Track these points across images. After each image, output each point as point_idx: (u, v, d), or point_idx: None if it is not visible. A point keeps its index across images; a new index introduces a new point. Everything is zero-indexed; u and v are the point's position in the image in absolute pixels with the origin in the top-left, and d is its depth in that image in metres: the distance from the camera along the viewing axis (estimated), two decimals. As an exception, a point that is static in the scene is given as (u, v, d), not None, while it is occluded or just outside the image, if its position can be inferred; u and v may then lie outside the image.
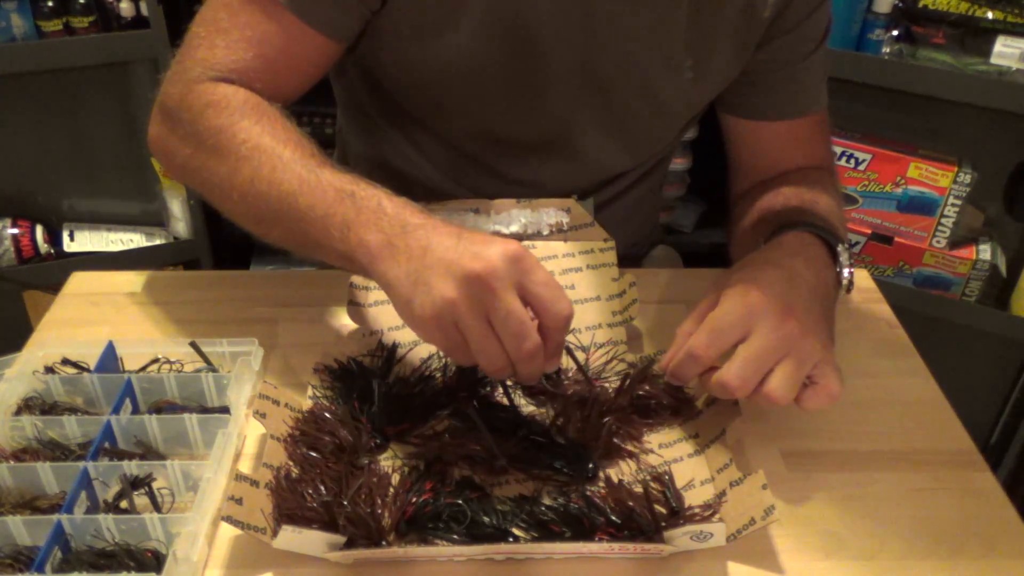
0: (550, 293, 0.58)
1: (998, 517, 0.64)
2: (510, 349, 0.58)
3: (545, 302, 0.58)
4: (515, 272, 0.57)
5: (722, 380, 0.62)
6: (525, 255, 0.57)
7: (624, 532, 0.59)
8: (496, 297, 0.56)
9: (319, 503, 0.58)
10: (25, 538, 0.58)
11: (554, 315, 0.58)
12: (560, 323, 0.59)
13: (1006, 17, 1.39)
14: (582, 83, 0.80)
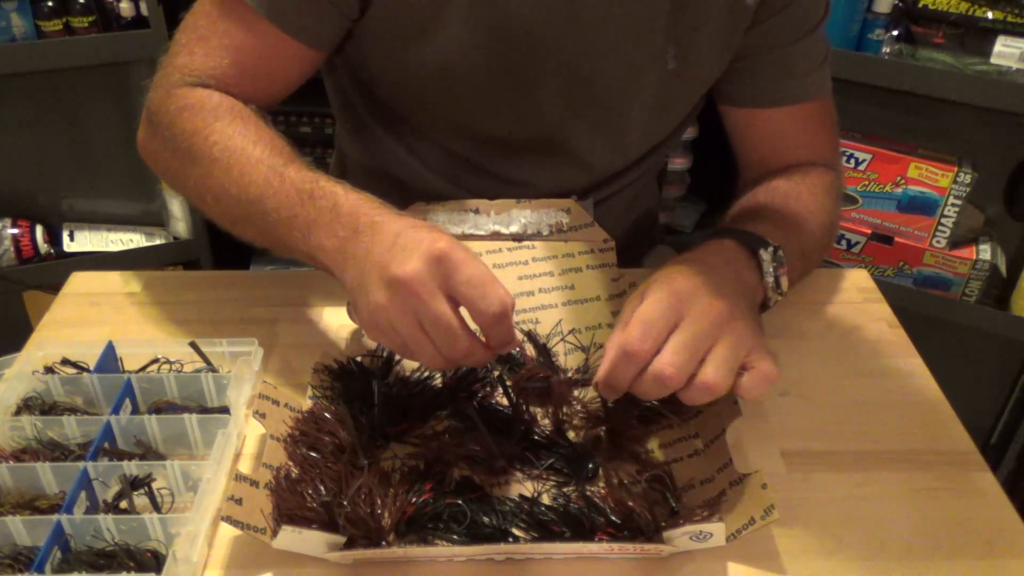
0: (476, 292, 0.57)
1: (998, 517, 0.64)
2: (443, 350, 0.58)
3: (472, 301, 0.57)
4: (439, 275, 0.56)
5: (657, 371, 0.59)
6: (450, 254, 0.56)
7: (624, 532, 0.59)
8: (421, 302, 0.56)
9: (319, 503, 0.58)
10: (25, 538, 0.58)
11: (482, 313, 0.57)
12: (490, 320, 0.57)
13: (1006, 17, 1.39)
14: (567, 77, 0.80)
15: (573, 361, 0.75)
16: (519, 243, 0.79)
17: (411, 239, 0.58)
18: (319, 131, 1.73)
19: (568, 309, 0.77)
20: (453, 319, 0.57)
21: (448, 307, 0.57)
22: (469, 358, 0.59)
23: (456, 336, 0.57)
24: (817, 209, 0.82)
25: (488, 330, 0.59)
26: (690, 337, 0.60)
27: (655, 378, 0.60)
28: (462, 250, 0.57)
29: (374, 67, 0.81)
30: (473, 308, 0.57)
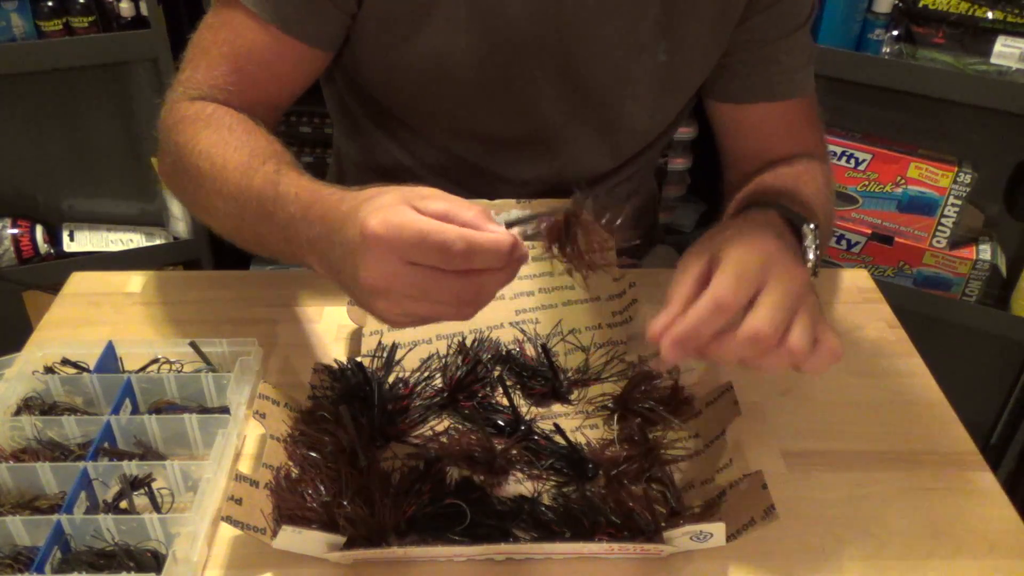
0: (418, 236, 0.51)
1: (998, 517, 0.64)
2: (454, 263, 0.51)
3: (422, 249, 0.51)
4: (406, 204, 0.52)
5: (755, 328, 0.55)
6: (379, 233, 0.51)
7: (624, 532, 0.59)
8: (397, 236, 0.51)
9: (319, 503, 0.58)
10: (25, 538, 0.58)
11: (438, 249, 0.51)
12: (449, 251, 0.51)
13: (1006, 17, 1.39)
14: (558, 71, 0.80)
15: (573, 361, 0.75)
16: (519, 243, 0.79)
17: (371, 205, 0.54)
18: (319, 131, 1.73)
19: (568, 309, 0.77)
20: (437, 223, 0.51)
21: (426, 217, 0.51)
22: (477, 255, 0.51)
23: (445, 232, 0.50)
24: (823, 197, 0.81)
25: (474, 262, 0.52)
26: (783, 297, 0.56)
27: (751, 336, 0.55)
28: (396, 217, 0.51)
29: (368, 67, 0.81)
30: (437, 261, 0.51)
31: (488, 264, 0.52)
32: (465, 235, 0.51)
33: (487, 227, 0.52)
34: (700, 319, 0.57)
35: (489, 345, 0.74)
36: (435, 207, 0.52)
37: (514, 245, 0.52)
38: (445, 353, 0.74)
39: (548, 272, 0.78)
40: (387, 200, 0.52)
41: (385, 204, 0.52)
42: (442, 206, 0.52)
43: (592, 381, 0.73)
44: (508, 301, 0.77)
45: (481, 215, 0.53)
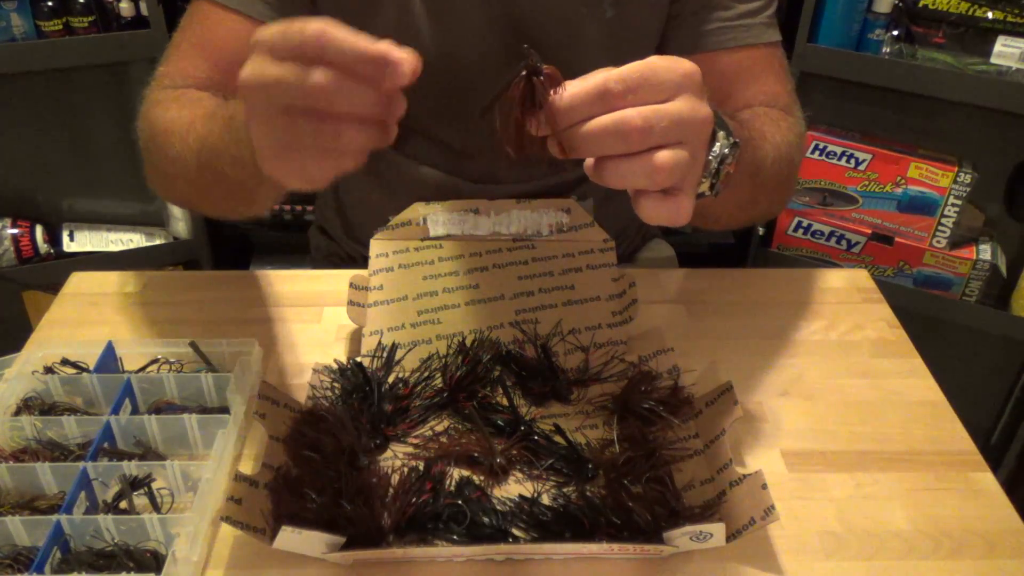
0: (280, 34, 0.48)
1: (998, 517, 0.64)
2: (308, 101, 0.47)
3: (283, 43, 0.47)
4: (260, 55, 0.48)
5: (625, 116, 0.52)
6: (256, 36, 0.49)
7: (624, 532, 0.59)
8: (257, 87, 0.48)
9: (319, 503, 0.58)
10: (24, 538, 0.58)
11: (292, 39, 0.47)
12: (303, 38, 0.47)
13: (1006, 17, 1.39)
14: (503, 38, 0.80)
15: (573, 361, 0.75)
16: (519, 243, 0.79)
17: None
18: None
19: (568, 309, 0.77)
20: (288, 64, 0.47)
21: (277, 64, 0.48)
22: (345, 90, 0.47)
23: (298, 72, 0.47)
24: (778, 140, 0.77)
25: (330, 59, 0.47)
26: (676, 110, 0.53)
27: (618, 120, 0.52)
28: (274, 25, 0.49)
29: None
30: (296, 52, 0.47)
31: (346, 61, 0.47)
32: (324, 27, 0.47)
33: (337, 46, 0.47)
34: (581, 94, 0.53)
35: (489, 345, 0.74)
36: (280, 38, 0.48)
37: (382, 53, 0.47)
38: (445, 353, 0.74)
39: (548, 272, 0.78)
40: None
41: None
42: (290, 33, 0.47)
43: (592, 381, 0.73)
44: (508, 301, 0.77)
45: (319, 32, 0.47)
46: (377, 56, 0.47)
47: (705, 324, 0.82)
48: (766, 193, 0.78)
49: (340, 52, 0.46)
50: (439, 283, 0.77)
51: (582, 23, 0.81)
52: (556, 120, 0.53)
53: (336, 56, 0.47)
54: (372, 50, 0.47)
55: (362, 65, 0.47)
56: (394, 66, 0.47)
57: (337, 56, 0.47)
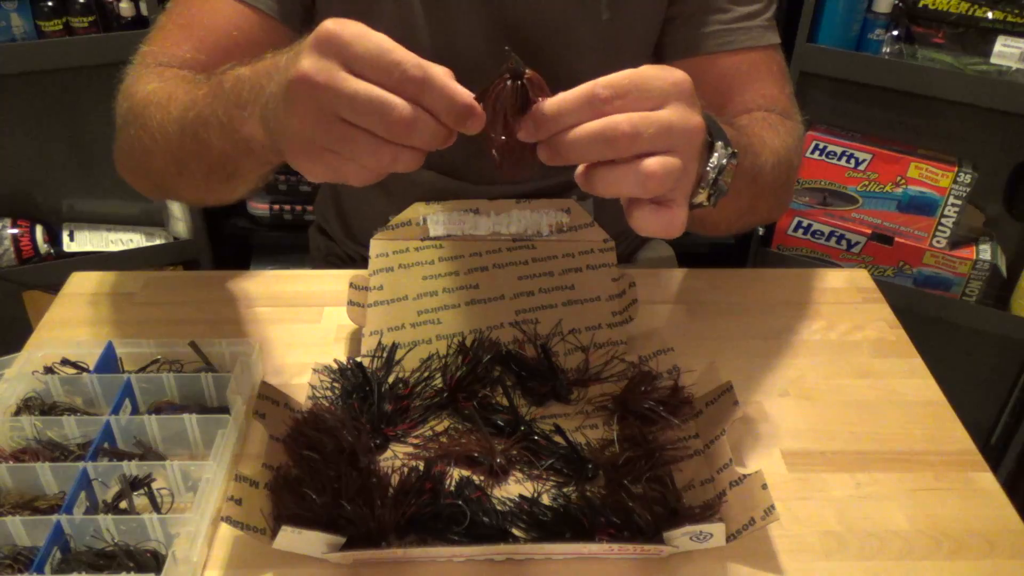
0: (378, 59, 0.48)
1: (998, 517, 0.64)
2: (383, 131, 0.49)
3: (379, 70, 0.48)
4: (332, 55, 0.49)
5: (613, 122, 0.51)
6: (339, 31, 0.49)
7: (624, 532, 0.59)
8: (324, 89, 0.48)
9: (319, 503, 0.58)
10: (24, 538, 0.58)
11: (397, 79, 0.48)
12: (412, 83, 0.48)
13: (1006, 17, 1.39)
14: (500, 41, 0.80)
15: (573, 361, 0.75)
16: (519, 243, 0.79)
17: (297, 47, 0.52)
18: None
19: (568, 309, 0.77)
20: (370, 86, 0.48)
21: (357, 79, 0.48)
22: (422, 129, 0.49)
23: (383, 101, 0.48)
24: (777, 145, 0.77)
25: (423, 98, 0.49)
26: (666, 119, 0.52)
27: (606, 126, 0.51)
28: (355, 25, 0.49)
29: None
30: (382, 71, 0.49)
31: (437, 105, 0.49)
32: (415, 109, 0.49)
33: (432, 91, 0.49)
34: (569, 101, 0.52)
35: (489, 345, 0.74)
36: (366, 62, 0.49)
37: (471, 105, 0.50)
38: (445, 353, 0.74)
39: (548, 272, 0.78)
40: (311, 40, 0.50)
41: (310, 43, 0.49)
42: (377, 62, 0.49)
43: (592, 381, 0.73)
44: (508, 301, 0.77)
45: (420, 71, 0.49)
46: (466, 107, 0.50)
47: (705, 324, 0.82)
48: (765, 199, 0.78)
49: (439, 98, 0.49)
50: (439, 283, 0.77)
51: (577, 26, 0.81)
52: (542, 125, 0.53)
53: (431, 101, 0.49)
54: (464, 100, 0.50)
55: (451, 114, 0.50)
56: (475, 119, 0.50)
57: (432, 101, 0.49)
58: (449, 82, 0.49)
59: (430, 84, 0.49)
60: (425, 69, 0.49)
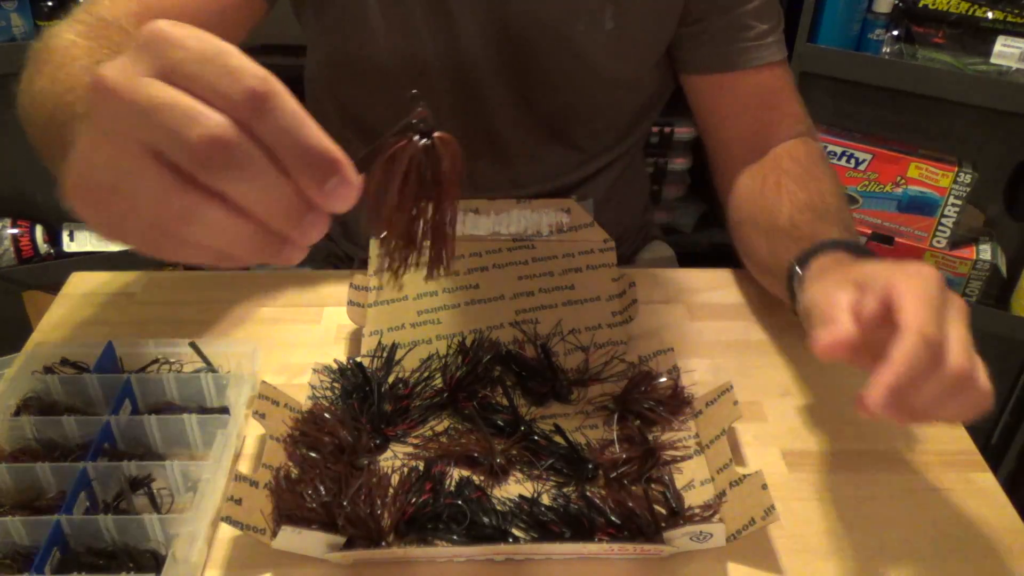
0: (212, 67, 0.33)
1: (998, 517, 0.64)
2: (186, 159, 0.33)
3: (210, 84, 0.33)
4: (151, 55, 0.34)
5: (962, 367, 0.48)
6: (167, 31, 0.34)
7: (624, 532, 0.59)
8: (119, 99, 0.33)
9: (319, 503, 0.58)
10: (24, 538, 0.58)
11: (233, 98, 0.33)
12: (248, 102, 0.33)
13: (1006, 17, 1.39)
14: (501, 49, 0.81)
15: (573, 361, 0.75)
16: (519, 243, 0.79)
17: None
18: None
19: (568, 309, 0.77)
20: (179, 93, 0.33)
21: (165, 86, 0.33)
22: (249, 171, 0.33)
23: (188, 114, 0.32)
24: (840, 197, 0.80)
25: (261, 129, 0.33)
26: (967, 336, 0.50)
27: (959, 378, 0.48)
28: (187, 27, 0.34)
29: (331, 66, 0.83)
30: (218, 95, 0.33)
31: (281, 144, 0.34)
32: (223, 126, 0.33)
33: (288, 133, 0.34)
34: (912, 357, 0.47)
35: (489, 345, 0.74)
36: (195, 70, 0.33)
37: (334, 158, 0.34)
38: (445, 353, 0.74)
39: (548, 272, 0.78)
40: (132, 42, 0.35)
41: (131, 45, 0.35)
42: (209, 70, 0.33)
43: (592, 381, 0.73)
44: (508, 301, 0.77)
45: (263, 87, 0.33)
46: (328, 158, 0.34)
47: (705, 324, 0.82)
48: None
49: (285, 132, 0.33)
50: (439, 283, 0.77)
51: (581, 36, 0.81)
52: (899, 402, 0.47)
53: (275, 136, 0.33)
54: (325, 147, 0.34)
55: (299, 159, 0.34)
56: (344, 184, 0.35)
57: (276, 136, 0.33)
58: (306, 118, 0.34)
59: (274, 105, 0.33)
60: (271, 84, 0.33)
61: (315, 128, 0.34)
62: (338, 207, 0.35)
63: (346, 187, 0.35)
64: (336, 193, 0.35)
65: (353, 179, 0.35)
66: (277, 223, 0.35)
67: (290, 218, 0.35)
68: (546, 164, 0.91)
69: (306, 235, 0.36)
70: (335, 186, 0.35)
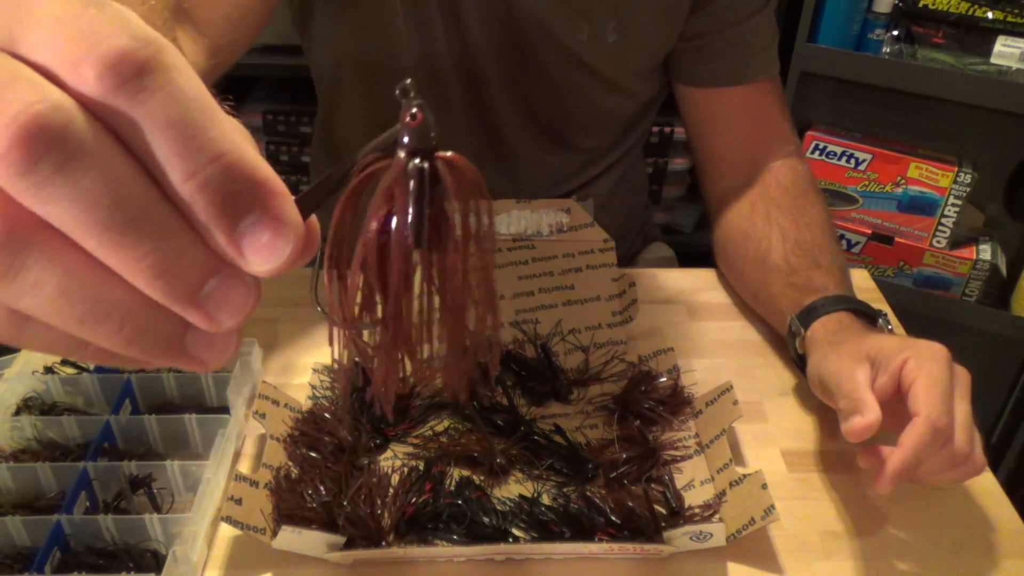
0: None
1: (998, 517, 0.64)
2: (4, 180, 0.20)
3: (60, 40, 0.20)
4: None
5: (965, 452, 0.57)
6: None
7: (624, 532, 0.59)
8: None
9: (319, 503, 0.58)
10: (24, 538, 0.58)
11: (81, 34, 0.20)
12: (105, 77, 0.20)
13: (1006, 17, 1.39)
14: (505, 54, 0.81)
15: (573, 361, 0.75)
16: (519, 243, 0.79)
17: None
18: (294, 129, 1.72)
19: (568, 309, 0.77)
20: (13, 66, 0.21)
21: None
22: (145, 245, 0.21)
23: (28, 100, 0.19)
24: (830, 231, 0.81)
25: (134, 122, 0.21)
26: (970, 419, 0.58)
27: (958, 457, 0.57)
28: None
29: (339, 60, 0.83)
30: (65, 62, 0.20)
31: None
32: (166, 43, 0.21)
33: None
34: (925, 445, 0.55)
35: (489, 345, 0.74)
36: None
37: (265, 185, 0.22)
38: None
39: (548, 272, 0.78)
40: None
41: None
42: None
43: (592, 381, 0.73)
44: (508, 301, 0.77)
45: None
46: (247, 177, 0.21)
47: (705, 324, 0.82)
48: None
49: (170, 122, 0.21)
50: (439, 283, 0.77)
51: (584, 50, 0.82)
52: (902, 475, 0.56)
53: (149, 125, 0.21)
54: (242, 158, 0.21)
55: (194, 172, 0.21)
56: (273, 225, 0.22)
57: (153, 126, 0.21)
58: (216, 111, 0.22)
59: (157, 83, 0.20)
60: (154, 51, 0.21)
61: (229, 127, 0.21)
62: (262, 266, 0.22)
63: (277, 233, 0.21)
64: (256, 242, 0.21)
65: (289, 220, 0.22)
66: (151, 282, 0.21)
67: (176, 275, 0.21)
68: (549, 169, 0.91)
69: (214, 317, 0.22)
70: (255, 230, 0.21)
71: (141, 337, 0.22)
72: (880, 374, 0.60)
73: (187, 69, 0.21)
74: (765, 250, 0.80)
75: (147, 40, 0.21)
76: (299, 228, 0.22)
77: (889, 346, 0.62)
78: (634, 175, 1.04)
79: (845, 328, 0.68)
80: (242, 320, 0.23)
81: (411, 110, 0.25)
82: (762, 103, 0.87)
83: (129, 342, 0.22)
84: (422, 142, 0.25)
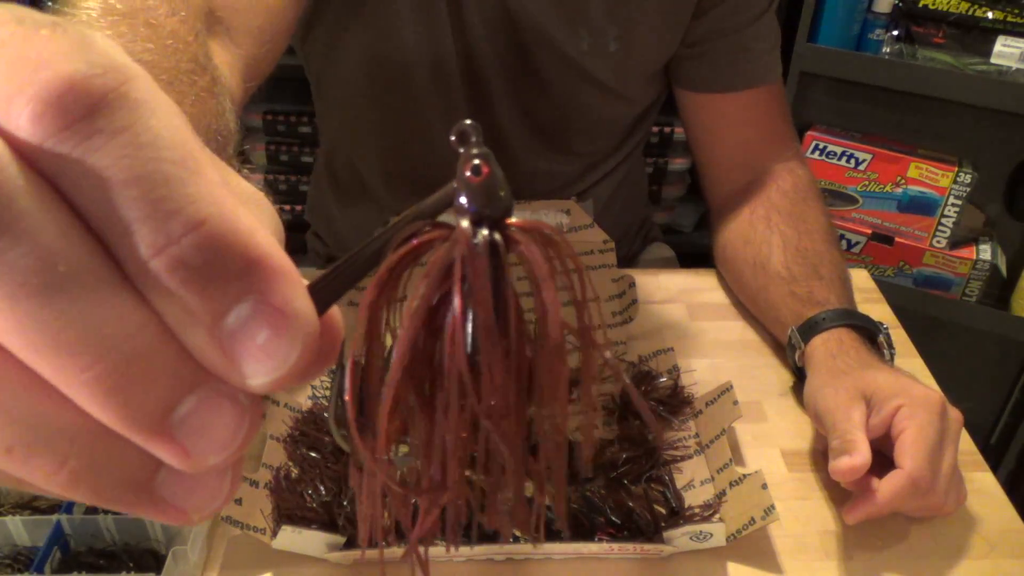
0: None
1: (998, 517, 0.64)
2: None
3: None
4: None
5: (944, 509, 0.60)
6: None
7: (624, 532, 0.59)
8: None
9: (319, 503, 0.58)
10: (24, 538, 0.58)
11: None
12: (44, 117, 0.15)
13: (1006, 17, 1.39)
14: (508, 65, 0.81)
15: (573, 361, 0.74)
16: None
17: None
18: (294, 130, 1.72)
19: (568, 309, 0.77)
20: None
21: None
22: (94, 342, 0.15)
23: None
24: (831, 236, 0.81)
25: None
26: (953, 468, 0.60)
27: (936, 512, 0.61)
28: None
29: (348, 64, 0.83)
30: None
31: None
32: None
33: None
34: (902, 497, 0.58)
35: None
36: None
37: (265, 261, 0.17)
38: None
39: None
40: None
41: None
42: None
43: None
44: (508, 301, 0.77)
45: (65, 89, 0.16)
46: (237, 251, 0.16)
47: (705, 324, 0.82)
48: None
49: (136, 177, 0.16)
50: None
51: (585, 59, 0.82)
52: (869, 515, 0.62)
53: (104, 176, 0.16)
54: (231, 225, 0.16)
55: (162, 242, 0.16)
56: (277, 321, 0.17)
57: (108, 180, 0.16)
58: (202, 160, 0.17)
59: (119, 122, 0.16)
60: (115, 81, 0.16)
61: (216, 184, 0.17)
62: (258, 376, 0.17)
63: (279, 330, 0.17)
64: (250, 343, 0.17)
65: (297, 312, 0.17)
66: (101, 401, 0.16)
67: (136, 392, 0.16)
68: (551, 175, 0.91)
69: (192, 452, 0.17)
70: (249, 325, 0.17)
71: (93, 476, 0.16)
72: (873, 415, 0.62)
73: (164, 107, 0.16)
74: (765, 255, 0.79)
75: (108, 67, 0.16)
76: (311, 325, 0.17)
77: (885, 387, 0.63)
78: (634, 177, 1.04)
79: (844, 352, 0.68)
80: (234, 454, 0.17)
81: (472, 161, 0.18)
82: (764, 107, 0.87)
83: (74, 482, 0.16)
84: (489, 206, 0.19)
